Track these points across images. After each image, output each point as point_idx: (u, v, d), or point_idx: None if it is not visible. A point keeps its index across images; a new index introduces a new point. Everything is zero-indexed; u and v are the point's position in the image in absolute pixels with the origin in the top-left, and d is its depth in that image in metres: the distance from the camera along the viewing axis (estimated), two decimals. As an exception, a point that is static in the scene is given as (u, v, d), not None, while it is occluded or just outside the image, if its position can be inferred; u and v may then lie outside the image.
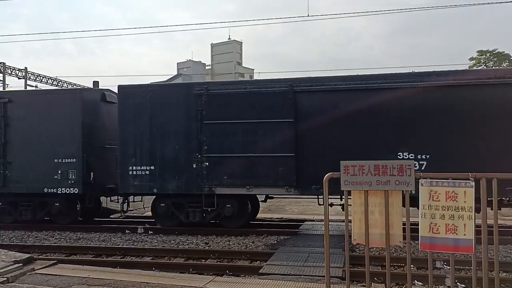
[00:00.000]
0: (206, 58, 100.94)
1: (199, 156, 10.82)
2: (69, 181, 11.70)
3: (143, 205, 12.72)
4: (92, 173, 11.96)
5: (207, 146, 10.81)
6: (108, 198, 13.21)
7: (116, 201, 12.79)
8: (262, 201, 12.34)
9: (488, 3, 21.56)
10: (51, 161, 11.79)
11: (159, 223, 11.73)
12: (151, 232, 11.32)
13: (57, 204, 12.07)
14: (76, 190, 11.66)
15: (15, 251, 7.52)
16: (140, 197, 12.47)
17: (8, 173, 12.11)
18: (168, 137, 11.11)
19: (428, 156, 9.58)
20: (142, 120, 11.23)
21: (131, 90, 11.56)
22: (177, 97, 11.16)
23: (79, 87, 12.78)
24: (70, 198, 12.13)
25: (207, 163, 10.80)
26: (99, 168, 12.20)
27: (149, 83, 14.34)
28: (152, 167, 11.14)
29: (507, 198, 9.39)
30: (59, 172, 11.74)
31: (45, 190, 11.79)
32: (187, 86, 11.44)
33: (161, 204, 11.42)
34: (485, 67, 35.15)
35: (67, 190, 11.68)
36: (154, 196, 11.75)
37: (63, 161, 11.78)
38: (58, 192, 11.73)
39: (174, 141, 11.05)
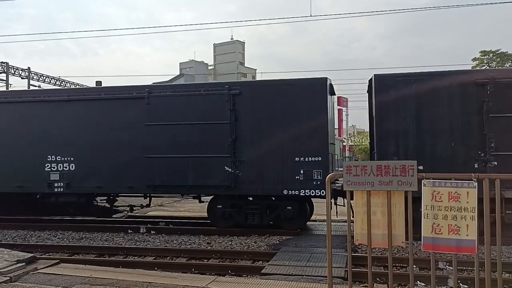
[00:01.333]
0: (209, 58, 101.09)
1: (483, 154, 9.62)
2: (314, 182, 10.47)
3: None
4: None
5: (495, 143, 9.55)
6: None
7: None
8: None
9: (491, 3, 21.47)
10: (291, 160, 10.58)
11: None
12: (154, 232, 11.34)
13: (290, 207, 10.90)
14: (323, 192, 10.36)
15: (18, 251, 7.54)
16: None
17: (239, 173, 10.90)
18: (439, 132, 9.93)
19: None
20: (406, 114, 10.07)
21: (391, 80, 10.33)
22: (450, 87, 9.92)
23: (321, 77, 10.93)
24: (303, 201, 11.18)
25: (495, 163, 9.52)
26: None
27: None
28: (420, 167, 10.21)
29: None
30: (302, 172, 10.51)
31: (285, 192, 10.60)
32: (465, 73, 10.21)
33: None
34: (488, 67, 35.05)
35: (313, 192, 10.49)
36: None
37: (306, 159, 10.52)
38: (301, 194, 10.54)
39: (448, 137, 9.88)
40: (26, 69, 31.25)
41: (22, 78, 31.17)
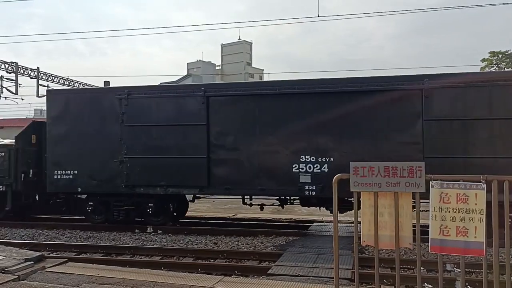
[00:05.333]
0: (216, 58, 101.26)
1: None
2: None
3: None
4: None
5: None
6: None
7: None
8: None
9: (500, 4, 21.30)
10: None
11: None
12: (160, 231, 11.37)
13: None
14: None
15: (26, 249, 7.61)
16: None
17: None
18: None
19: None
20: None
21: None
22: None
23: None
24: None
25: None
26: None
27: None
28: None
29: None
30: None
31: None
32: None
33: None
34: (497, 68, 34.76)
35: None
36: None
37: None
38: None
39: None
40: (35, 69, 31.45)
41: (31, 78, 31.38)
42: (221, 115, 10.84)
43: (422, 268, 5.65)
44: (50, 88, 12.34)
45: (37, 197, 13.31)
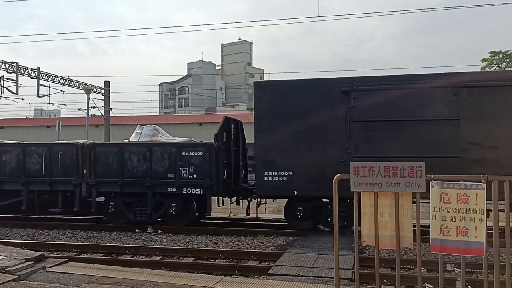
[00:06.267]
0: (217, 59, 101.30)
1: None
2: None
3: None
4: None
5: None
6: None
7: None
8: None
9: (501, 4, 21.26)
10: None
11: None
12: (161, 231, 11.38)
13: None
14: None
15: (27, 249, 7.61)
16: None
17: None
18: None
19: None
20: None
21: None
22: None
23: None
24: None
25: None
26: None
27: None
28: None
29: None
30: None
31: None
32: None
33: None
34: (497, 68, 34.73)
35: None
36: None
37: None
38: None
39: None
40: (36, 69, 31.45)
41: (31, 78, 31.37)
42: (477, 109, 9.53)
43: (422, 268, 5.65)
44: (258, 80, 11.84)
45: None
